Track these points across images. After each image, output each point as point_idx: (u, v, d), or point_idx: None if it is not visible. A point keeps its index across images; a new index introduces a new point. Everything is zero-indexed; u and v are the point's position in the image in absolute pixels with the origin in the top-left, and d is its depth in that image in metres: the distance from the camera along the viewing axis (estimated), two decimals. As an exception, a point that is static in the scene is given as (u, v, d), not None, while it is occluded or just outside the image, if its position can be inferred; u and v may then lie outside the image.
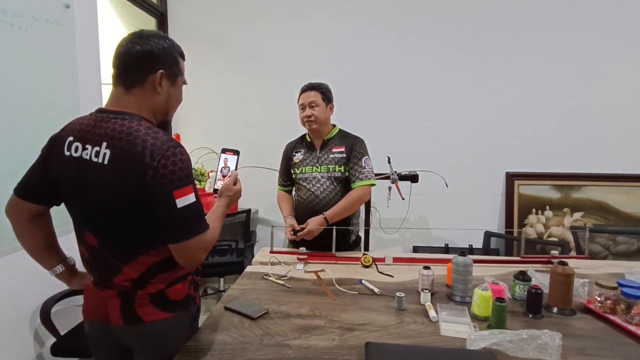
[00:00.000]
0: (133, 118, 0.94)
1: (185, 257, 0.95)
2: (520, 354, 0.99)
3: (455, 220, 2.95)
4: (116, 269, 0.97)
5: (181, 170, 0.90)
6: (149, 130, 0.92)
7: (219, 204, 1.12)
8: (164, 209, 0.89)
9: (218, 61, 3.17)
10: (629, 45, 2.82)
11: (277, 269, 1.64)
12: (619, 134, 2.88)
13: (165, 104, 1.02)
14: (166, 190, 0.88)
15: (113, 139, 0.90)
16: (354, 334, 1.12)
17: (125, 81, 0.96)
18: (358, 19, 3.03)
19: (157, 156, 0.88)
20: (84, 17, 2.01)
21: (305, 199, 1.87)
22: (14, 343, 1.69)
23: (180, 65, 1.04)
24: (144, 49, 0.95)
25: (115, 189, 0.90)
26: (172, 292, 1.01)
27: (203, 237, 0.94)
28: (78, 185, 0.95)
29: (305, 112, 1.83)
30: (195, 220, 0.94)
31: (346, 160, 1.85)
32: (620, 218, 2.87)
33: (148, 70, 0.96)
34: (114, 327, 0.99)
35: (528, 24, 2.89)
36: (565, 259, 1.48)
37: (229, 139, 3.21)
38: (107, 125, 0.93)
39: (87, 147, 0.92)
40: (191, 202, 0.91)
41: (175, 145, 0.92)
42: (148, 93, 0.97)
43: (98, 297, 1.01)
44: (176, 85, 1.03)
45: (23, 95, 1.69)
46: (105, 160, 0.90)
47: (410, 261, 1.73)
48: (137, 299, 0.98)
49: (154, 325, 0.99)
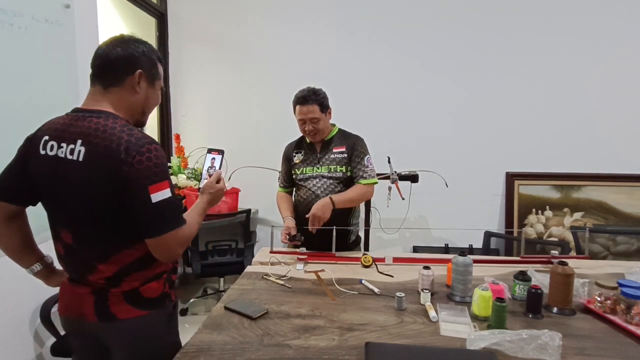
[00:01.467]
0: (109, 116, 0.96)
1: (161, 251, 0.96)
2: (520, 354, 0.99)
3: (455, 220, 2.95)
4: (91, 266, 0.98)
5: (156, 166, 0.92)
6: (124, 127, 0.94)
7: (200, 201, 1.14)
8: (139, 203, 0.91)
9: (218, 61, 3.17)
10: (628, 45, 2.83)
11: (277, 269, 1.64)
12: (618, 134, 2.88)
13: (142, 104, 1.04)
14: (141, 185, 0.90)
15: (88, 136, 0.92)
16: (354, 334, 1.12)
17: (104, 80, 0.99)
18: (358, 19, 3.04)
19: (132, 152, 0.89)
20: (84, 17, 2.01)
21: (306, 199, 1.87)
22: (14, 343, 1.69)
23: (158, 69, 1.07)
24: (125, 51, 0.98)
25: (90, 185, 0.92)
26: (146, 290, 1.02)
27: (179, 232, 0.96)
28: (53, 183, 0.96)
29: (307, 128, 1.81)
30: (171, 215, 0.95)
31: (347, 160, 1.85)
32: (620, 218, 2.87)
33: (127, 71, 0.99)
34: (89, 323, 1.00)
35: (528, 24, 2.89)
36: (565, 259, 1.48)
37: (228, 138, 3.22)
38: (82, 123, 0.94)
39: (62, 146, 0.94)
40: (167, 197, 0.93)
41: (150, 142, 0.93)
42: (127, 92, 1.00)
43: (74, 294, 1.02)
44: (154, 87, 1.06)
45: (23, 95, 1.69)
46: (80, 157, 0.91)
47: (410, 261, 1.73)
48: (111, 296, 0.98)
49: (128, 322, 0.99)
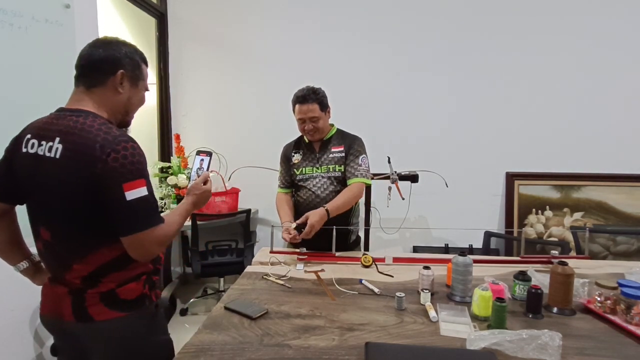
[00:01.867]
0: (88, 115, 0.97)
1: (137, 250, 0.96)
2: (520, 354, 0.99)
3: (455, 220, 2.95)
4: (67, 265, 0.98)
5: (132, 164, 0.92)
6: (102, 125, 0.94)
7: (184, 202, 1.14)
8: (113, 201, 0.91)
9: (218, 61, 3.17)
10: (629, 45, 2.83)
11: (277, 269, 1.64)
12: (618, 134, 2.88)
13: (125, 104, 1.05)
14: (115, 182, 0.90)
15: (66, 134, 0.93)
16: (354, 334, 1.11)
17: (87, 81, 1.00)
18: (358, 19, 3.04)
19: (107, 149, 0.90)
20: (84, 17, 2.01)
21: (306, 199, 1.87)
22: (14, 343, 1.69)
23: (142, 70, 1.08)
24: (107, 52, 1.00)
25: (66, 182, 0.92)
26: (123, 291, 1.01)
27: (155, 231, 0.95)
28: (33, 181, 0.98)
29: (307, 127, 1.80)
30: (147, 213, 0.95)
31: (344, 159, 1.85)
32: (620, 218, 2.87)
33: (109, 72, 1.00)
34: (67, 323, 1.00)
35: (528, 23, 2.89)
36: (565, 259, 1.48)
37: (228, 138, 3.21)
38: (62, 122, 0.96)
39: (42, 144, 0.95)
40: (142, 195, 0.93)
41: (127, 140, 0.94)
42: (109, 93, 1.01)
43: (52, 293, 1.02)
44: (137, 88, 1.07)
45: (23, 95, 1.69)
46: (57, 154, 0.92)
47: (410, 261, 1.73)
48: (88, 297, 0.98)
49: (105, 324, 0.99)
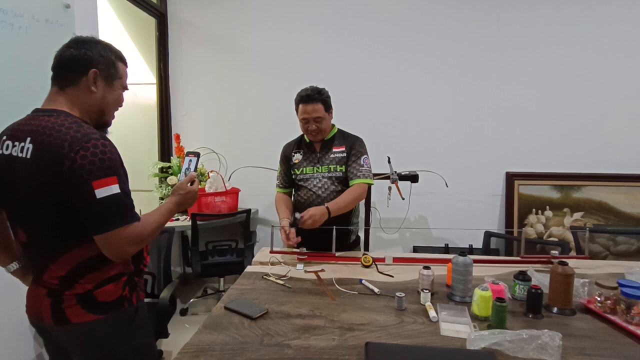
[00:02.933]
0: (60, 114, 0.96)
1: (109, 249, 0.94)
2: (520, 354, 0.99)
3: (455, 220, 2.95)
4: (44, 265, 0.98)
5: (102, 162, 0.90)
6: (73, 124, 0.94)
7: (168, 201, 1.13)
8: (83, 199, 0.90)
9: (218, 61, 3.17)
10: (629, 46, 2.83)
11: (277, 269, 1.64)
12: (618, 134, 2.88)
13: (99, 103, 1.04)
14: (84, 180, 0.89)
15: (37, 133, 0.93)
16: (354, 334, 1.11)
17: (60, 81, 1.00)
18: (358, 19, 3.04)
19: (76, 147, 0.89)
20: (84, 17, 2.01)
21: (307, 199, 1.87)
22: (14, 343, 1.69)
23: (118, 69, 1.06)
24: (79, 51, 1.00)
25: (37, 182, 0.92)
26: (101, 293, 0.99)
27: (129, 229, 0.94)
28: (7, 182, 0.98)
29: (310, 127, 1.80)
30: (119, 211, 0.93)
31: (346, 160, 1.85)
32: (620, 218, 2.87)
33: (81, 71, 1.00)
34: (47, 325, 0.99)
35: (528, 24, 2.90)
36: (565, 259, 1.48)
37: (228, 138, 3.21)
38: (34, 122, 0.96)
39: (15, 144, 0.96)
40: (113, 193, 0.91)
41: (97, 138, 0.92)
42: (82, 92, 1.01)
43: (34, 295, 1.02)
44: (113, 87, 1.06)
45: (23, 96, 1.69)
46: (28, 154, 0.92)
47: (410, 261, 1.73)
48: (65, 299, 0.97)
49: (82, 327, 0.98)
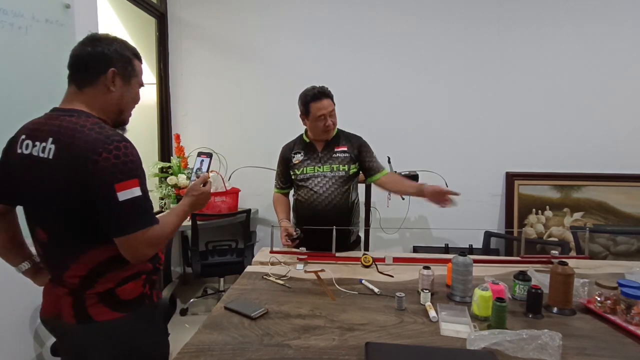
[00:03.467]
0: (81, 115, 0.96)
1: (129, 251, 0.94)
2: (520, 354, 0.99)
3: (455, 220, 2.95)
4: (65, 265, 0.97)
5: (124, 164, 0.90)
6: (95, 125, 0.93)
7: (182, 202, 1.13)
8: (105, 201, 0.89)
9: (218, 61, 3.17)
10: (628, 46, 2.83)
11: (277, 269, 1.64)
12: (618, 134, 2.88)
13: (118, 102, 1.03)
14: (107, 182, 0.88)
15: (58, 134, 0.92)
16: (354, 334, 1.12)
17: (78, 81, 0.99)
18: (358, 19, 3.03)
19: (99, 149, 0.88)
20: (84, 17, 2.01)
21: (308, 199, 1.87)
22: (14, 343, 1.69)
23: (134, 66, 1.05)
24: (95, 50, 0.98)
25: (60, 183, 0.91)
26: (122, 291, 0.99)
27: (149, 232, 0.93)
28: (27, 182, 0.97)
29: (328, 122, 1.81)
30: (139, 214, 0.93)
31: (350, 159, 1.86)
32: (620, 218, 2.87)
33: (100, 71, 0.98)
34: (66, 324, 0.99)
35: (527, 23, 2.89)
36: (565, 259, 1.48)
37: (228, 138, 3.21)
38: (55, 122, 0.95)
39: (36, 144, 0.95)
40: (135, 195, 0.91)
41: (120, 140, 0.92)
42: (100, 91, 0.99)
43: (52, 294, 1.01)
44: (130, 85, 1.05)
45: (23, 96, 1.69)
46: (50, 155, 0.92)
47: (410, 261, 1.73)
48: (87, 298, 0.97)
49: (105, 325, 0.98)
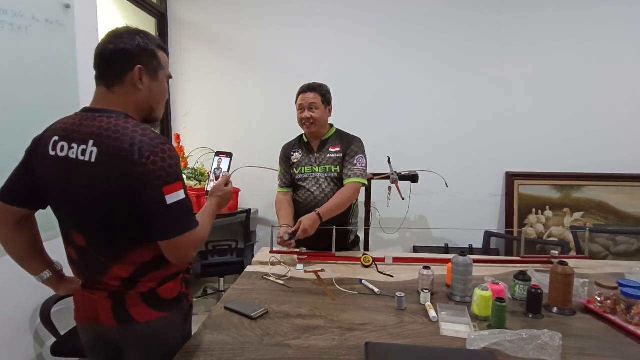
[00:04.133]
0: (119, 116, 0.94)
1: (175, 254, 0.94)
2: (520, 354, 0.99)
3: (455, 220, 2.95)
4: (105, 268, 0.96)
5: (170, 167, 0.90)
6: (137, 127, 0.92)
7: (209, 204, 1.13)
8: (153, 205, 0.89)
9: (218, 61, 3.17)
10: (628, 46, 2.83)
11: (277, 269, 1.64)
12: (618, 134, 2.88)
13: (148, 100, 1.00)
14: (156, 186, 0.88)
15: (100, 136, 0.90)
16: (354, 334, 1.12)
17: (106, 80, 0.96)
18: (359, 19, 3.03)
19: (146, 153, 0.88)
20: (84, 17, 2.01)
21: (305, 200, 1.87)
22: (14, 343, 1.69)
23: (160, 59, 1.01)
24: (117, 47, 0.94)
25: (103, 186, 0.90)
26: (164, 290, 1.00)
27: (193, 234, 0.94)
28: (64, 185, 0.94)
29: (304, 114, 1.81)
30: (185, 217, 0.93)
31: (342, 160, 1.85)
32: (620, 218, 2.87)
33: (125, 68, 0.95)
34: (106, 328, 0.98)
35: (527, 24, 2.89)
36: (565, 259, 1.48)
37: (228, 138, 3.21)
38: (93, 123, 0.92)
39: (73, 146, 0.92)
40: (181, 198, 0.91)
41: (164, 142, 0.92)
42: (129, 90, 0.97)
43: (88, 300, 1.00)
44: (158, 80, 1.01)
45: (23, 96, 1.69)
46: (92, 158, 0.90)
47: (410, 261, 1.73)
48: (129, 299, 0.97)
49: (148, 325, 0.98)
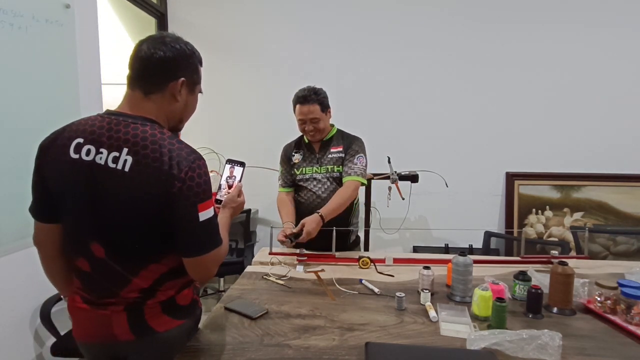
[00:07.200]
0: (154, 125, 0.90)
1: (200, 271, 0.94)
2: (520, 354, 0.99)
3: (455, 220, 2.95)
4: (124, 280, 0.92)
5: (205, 184, 0.89)
6: (173, 139, 0.89)
7: (224, 215, 1.10)
8: (186, 222, 0.87)
9: (218, 61, 3.17)
10: (628, 45, 2.83)
11: (277, 269, 1.64)
12: (618, 134, 2.88)
13: (181, 112, 0.99)
14: (192, 203, 0.86)
15: (135, 145, 0.86)
16: (354, 334, 1.12)
17: (144, 86, 0.92)
18: (359, 19, 3.03)
19: (185, 168, 0.86)
20: (84, 17, 2.01)
21: (307, 200, 1.87)
22: (14, 343, 1.69)
23: (199, 74, 1.01)
24: (167, 55, 0.91)
25: (135, 197, 0.86)
26: (181, 297, 1.00)
27: (218, 251, 0.94)
28: (87, 192, 0.89)
29: (307, 128, 1.81)
30: (213, 234, 0.93)
31: (343, 160, 1.85)
32: (620, 218, 2.87)
33: (169, 77, 0.93)
34: (121, 343, 0.94)
35: (527, 23, 2.89)
36: (565, 259, 1.48)
37: (228, 138, 3.21)
38: (126, 129, 0.88)
39: (102, 152, 0.87)
40: (211, 215, 0.90)
41: (199, 157, 0.90)
42: (167, 100, 0.94)
43: (98, 317, 0.95)
44: (194, 94, 1.01)
45: (23, 96, 1.69)
46: (126, 167, 0.85)
47: (410, 261, 1.73)
48: (147, 310, 0.94)
49: (167, 334, 0.96)
